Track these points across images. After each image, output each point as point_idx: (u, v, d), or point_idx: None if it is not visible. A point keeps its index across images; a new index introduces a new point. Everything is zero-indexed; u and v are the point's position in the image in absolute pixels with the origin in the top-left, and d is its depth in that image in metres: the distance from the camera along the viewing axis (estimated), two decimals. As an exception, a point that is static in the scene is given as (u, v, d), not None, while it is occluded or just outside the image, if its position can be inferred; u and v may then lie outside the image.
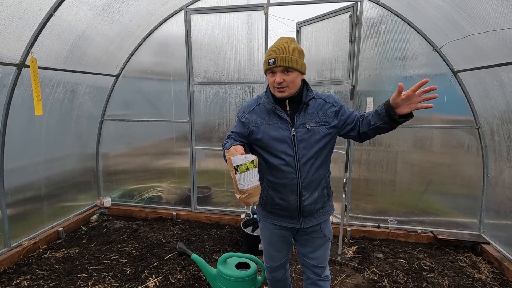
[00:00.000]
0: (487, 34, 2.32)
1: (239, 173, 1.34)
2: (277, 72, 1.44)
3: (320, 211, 1.64)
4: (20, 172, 2.95)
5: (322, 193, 1.61)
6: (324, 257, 1.75)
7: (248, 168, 1.34)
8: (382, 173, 3.35)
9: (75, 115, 3.51)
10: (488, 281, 2.56)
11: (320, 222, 1.66)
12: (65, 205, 3.51)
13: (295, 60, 1.42)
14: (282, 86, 1.45)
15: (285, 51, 1.41)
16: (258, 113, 1.59)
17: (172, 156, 3.86)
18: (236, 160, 1.33)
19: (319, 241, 1.70)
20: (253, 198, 1.39)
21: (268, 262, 1.83)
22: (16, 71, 2.58)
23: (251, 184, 1.36)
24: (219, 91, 3.54)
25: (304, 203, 1.56)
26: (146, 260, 2.86)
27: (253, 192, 1.37)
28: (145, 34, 3.57)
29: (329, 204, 1.70)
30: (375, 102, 3.17)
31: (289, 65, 1.41)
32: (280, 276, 1.86)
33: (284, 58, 1.40)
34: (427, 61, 3.05)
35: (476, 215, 3.15)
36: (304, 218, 1.62)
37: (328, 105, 1.55)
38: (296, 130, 1.51)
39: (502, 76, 2.50)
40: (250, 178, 1.35)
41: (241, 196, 1.39)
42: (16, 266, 2.74)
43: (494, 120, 2.82)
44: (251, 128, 1.58)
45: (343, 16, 2.97)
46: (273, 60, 1.41)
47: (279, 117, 1.52)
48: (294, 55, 1.42)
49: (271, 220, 1.69)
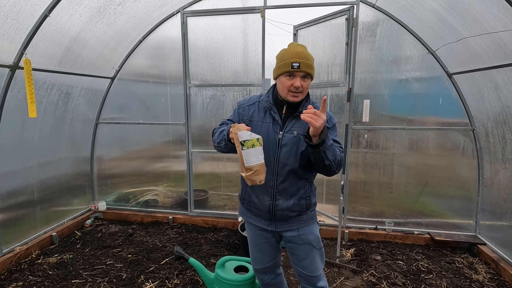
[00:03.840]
0: (482, 37, 2.36)
1: (246, 148, 1.32)
2: (297, 76, 1.45)
3: (295, 218, 1.62)
4: (12, 176, 2.88)
5: (299, 203, 1.58)
6: (313, 266, 1.68)
7: (254, 145, 1.33)
8: (379, 176, 3.36)
9: (70, 118, 3.46)
10: (485, 282, 2.57)
11: (296, 228, 1.63)
12: (59, 210, 3.44)
13: (313, 68, 1.49)
14: (299, 91, 1.47)
15: (308, 58, 1.45)
16: (256, 109, 1.63)
17: (168, 159, 3.83)
18: (242, 135, 1.32)
19: (304, 249, 1.66)
20: (259, 176, 1.36)
21: (253, 264, 1.82)
22: (10, 73, 2.53)
23: (257, 161, 1.34)
24: (215, 93, 3.53)
25: (277, 207, 1.58)
26: (142, 265, 2.81)
27: (259, 169, 1.35)
28: (141, 37, 3.55)
29: (308, 214, 1.65)
30: (372, 105, 3.20)
31: (310, 71, 1.46)
32: (269, 280, 1.83)
33: (308, 64, 1.44)
34: (422, 64, 3.08)
35: (472, 216, 3.18)
36: (276, 222, 1.63)
37: None
38: (284, 134, 1.52)
39: (496, 79, 2.54)
40: (257, 155, 1.34)
41: (247, 173, 1.36)
42: (7, 272, 2.67)
43: (489, 122, 2.85)
44: (245, 119, 1.61)
45: (340, 20, 3.00)
46: (298, 65, 1.43)
47: (273, 118, 1.56)
48: (313, 63, 1.48)
49: (248, 218, 1.74)
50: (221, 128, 1.61)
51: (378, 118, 3.25)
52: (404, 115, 3.24)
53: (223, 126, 1.62)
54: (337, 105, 3.27)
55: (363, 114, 3.21)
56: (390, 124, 3.24)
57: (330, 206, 3.54)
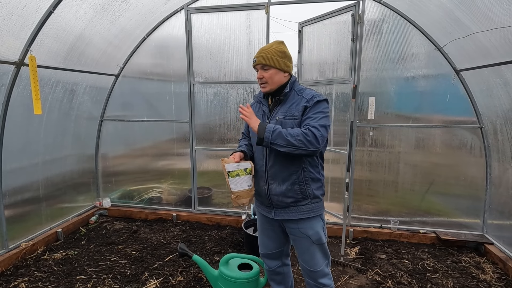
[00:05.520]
0: (491, 32, 2.30)
1: (230, 177, 1.61)
2: (258, 69, 1.65)
3: (294, 207, 1.64)
4: (19, 173, 2.90)
5: (293, 188, 1.61)
6: (313, 261, 1.68)
7: (239, 174, 1.60)
8: (384, 174, 3.32)
9: (74, 115, 3.47)
10: (492, 281, 2.53)
11: (295, 219, 1.65)
12: (64, 207, 3.47)
13: (271, 59, 1.59)
14: (262, 81, 1.63)
15: (264, 51, 1.61)
16: (256, 106, 1.79)
17: (172, 156, 3.83)
18: (227, 167, 1.60)
19: (304, 242, 1.67)
20: (241, 200, 1.63)
21: (260, 249, 1.91)
22: (15, 69, 2.55)
23: (240, 188, 1.61)
24: (219, 91, 3.51)
25: (271, 191, 1.66)
26: (146, 262, 2.82)
27: (241, 194, 1.62)
28: (145, 34, 3.55)
29: (308, 205, 1.64)
30: (377, 102, 3.15)
31: (265, 62, 1.59)
32: (275, 267, 1.89)
33: (262, 57, 1.60)
34: (429, 60, 3.03)
35: (479, 216, 3.12)
36: (275, 209, 1.69)
37: (303, 101, 1.60)
38: (270, 121, 1.64)
39: (506, 75, 2.48)
40: (240, 182, 1.61)
41: (232, 196, 1.65)
42: (14, 268, 2.70)
43: (498, 119, 2.80)
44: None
45: (345, 16, 2.96)
46: (255, 59, 1.64)
47: (263, 110, 1.71)
48: (271, 54, 1.59)
49: (256, 206, 1.87)
50: (240, 142, 1.91)
51: (383, 116, 3.21)
52: (410, 113, 3.19)
53: (240, 141, 1.91)
54: (342, 103, 3.24)
55: (368, 112, 3.17)
56: (396, 122, 3.19)
57: (335, 204, 3.51)
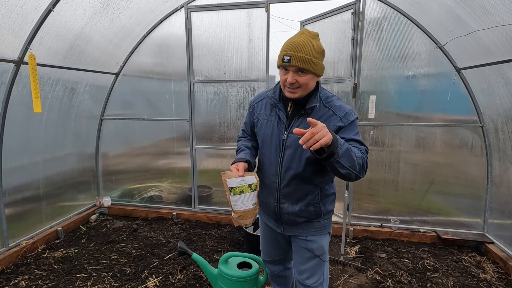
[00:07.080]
0: (493, 30, 2.29)
1: (233, 195, 1.35)
2: (290, 71, 1.29)
3: (304, 224, 1.49)
4: (19, 171, 2.90)
5: (306, 209, 1.45)
6: (308, 273, 1.54)
7: (243, 191, 1.34)
8: (385, 173, 3.31)
9: (74, 114, 3.47)
10: (493, 281, 2.52)
11: (306, 235, 1.51)
12: (64, 205, 3.47)
13: (312, 62, 1.26)
14: (294, 87, 1.31)
15: (303, 50, 1.25)
16: (263, 105, 1.53)
17: (172, 155, 3.83)
18: (230, 183, 1.34)
19: (305, 254, 1.54)
20: (244, 220, 1.40)
21: (263, 255, 1.83)
22: (15, 68, 2.54)
23: (244, 207, 1.36)
24: (219, 89, 3.51)
25: (282, 210, 1.47)
26: (146, 260, 2.82)
27: (244, 214, 1.38)
28: (145, 32, 3.54)
29: (320, 222, 1.50)
30: (378, 101, 3.14)
31: (304, 66, 1.26)
32: (278, 271, 1.83)
33: (300, 58, 1.24)
34: (430, 59, 3.01)
35: (480, 215, 3.11)
36: (285, 225, 1.53)
37: (335, 118, 1.36)
38: (289, 134, 1.38)
39: (507, 73, 2.46)
40: (244, 201, 1.36)
41: (233, 215, 1.40)
42: (14, 266, 2.70)
43: (499, 118, 2.78)
44: (254, 119, 1.56)
45: (346, 14, 2.95)
46: (288, 58, 1.26)
47: (278, 116, 1.43)
48: (312, 56, 1.26)
49: (260, 215, 1.69)
50: (239, 142, 1.65)
51: (384, 115, 3.19)
52: (411, 111, 3.18)
53: (240, 141, 1.64)
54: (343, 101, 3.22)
55: (369, 110, 3.16)
56: (397, 121, 3.18)
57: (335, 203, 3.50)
